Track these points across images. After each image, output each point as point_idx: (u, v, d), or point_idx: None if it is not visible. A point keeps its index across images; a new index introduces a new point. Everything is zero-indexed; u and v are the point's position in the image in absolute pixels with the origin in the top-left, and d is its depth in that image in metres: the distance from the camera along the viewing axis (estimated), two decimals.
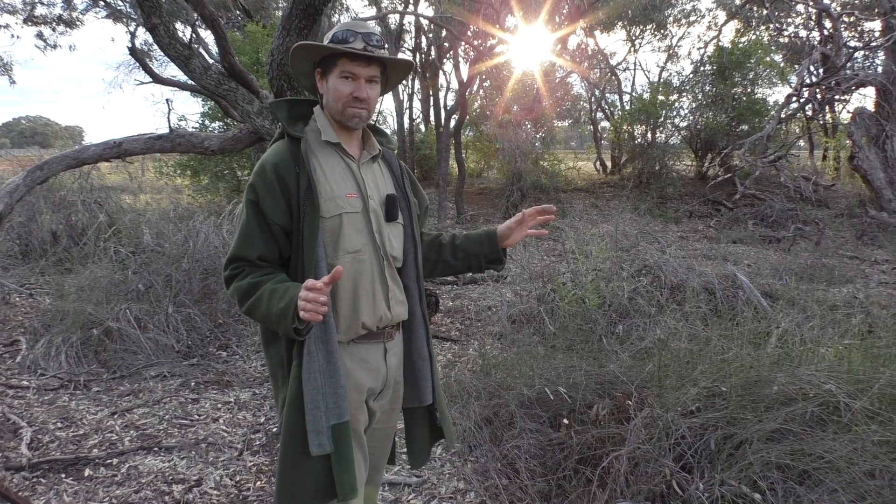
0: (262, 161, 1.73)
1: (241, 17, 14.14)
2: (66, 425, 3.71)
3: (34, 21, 15.44)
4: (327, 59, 1.75)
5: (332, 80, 1.75)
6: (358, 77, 1.73)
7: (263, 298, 1.61)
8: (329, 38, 1.73)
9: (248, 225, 1.70)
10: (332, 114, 1.78)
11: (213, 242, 5.61)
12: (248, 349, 4.99)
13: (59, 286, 5.47)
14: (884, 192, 10.80)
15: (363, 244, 1.76)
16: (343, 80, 1.73)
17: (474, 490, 3.00)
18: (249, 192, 1.71)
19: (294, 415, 1.66)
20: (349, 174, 1.79)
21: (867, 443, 2.37)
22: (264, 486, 3.08)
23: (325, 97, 1.80)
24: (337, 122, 1.79)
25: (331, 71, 1.75)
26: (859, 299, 5.40)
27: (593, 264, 5.46)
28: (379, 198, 1.82)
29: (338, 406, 1.68)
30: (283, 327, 1.59)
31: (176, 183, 13.62)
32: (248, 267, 1.70)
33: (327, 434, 1.66)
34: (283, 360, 1.74)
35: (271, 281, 1.65)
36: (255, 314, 1.65)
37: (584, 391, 3.18)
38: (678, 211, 12.99)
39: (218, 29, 5.19)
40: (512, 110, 14.46)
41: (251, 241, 1.69)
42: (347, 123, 1.77)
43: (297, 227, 1.69)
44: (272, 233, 1.70)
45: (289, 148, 1.74)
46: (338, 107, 1.75)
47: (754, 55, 14.41)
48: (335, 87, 1.74)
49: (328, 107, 1.79)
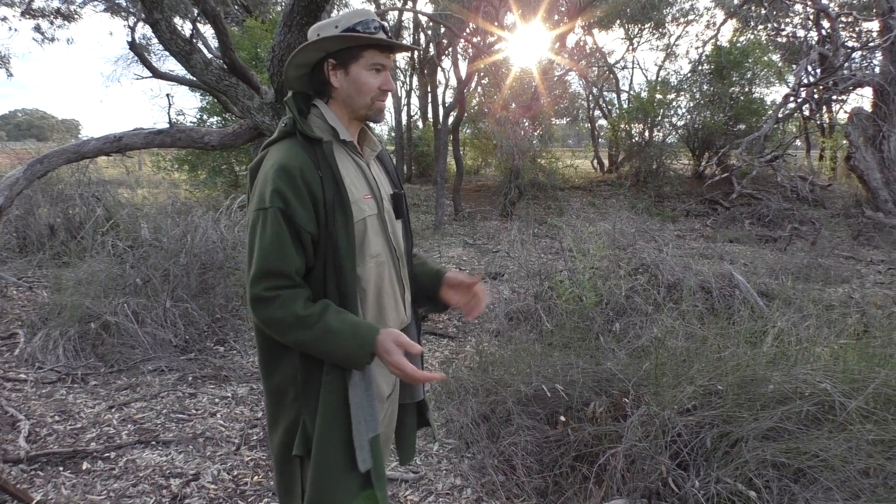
0: (283, 164, 1.55)
1: (240, 13, 14.11)
2: (63, 419, 3.71)
3: (32, 14, 15.37)
4: (348, 50, 1.63)
5: (355, 72, 1.63)
6: (386, 68, 1.66)
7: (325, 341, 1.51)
8: (348, 25, 1.60)
9: (280, 235, 1.52)
10: (356, 108, 1.67)
11: (212, 237, 5.61)
12: (246, 344, 4.99)
13: (57, 280, 5.47)
14: (880, 193, 10.83)
15: (381, 247, 1.71)
16: (372, 72, 1.63)
17: (471, 486, 3.01)
18: (275, 198, 1.52)
19: (334, 431, 1.59)
20: (361, 174, 1.71)
21: (862, 442, 2.39)
22: (261, 481, 3.09)
23: (341, 91, 1.66)
24: (359, 116, 1.70)
25: (353, 62, 1.63)
26: (855, 299, 5.42)
27: (590, 262, 5.48)
28: (387, 196, 1.77)
29: (374, 419, 1.63)
30: (345, 364, 1.55)
31: (173, 177, 13.60)
32: (284, 287, 1.54)
33: (367, 448, 1.61)
34: (296, 376, 1.63)
35: (328, 314, 1.53)
36: (308, 348, 1.55)
37: (581, 388, 3.20)
38: (675, 210, 13.02)
39: (219, 24, 5.18)
40: (510, 108, 14.45)
41: (283, 254, 1.52)
42: (375, 118, 1.70)
43: (328, 236, 1.57)
44: (303, 243, 1.55)
45: (305, 149, 1.59)
46: (365, 101, 1.65)
47: (752, 55, 14.43)
48: (363, 80, 1.63)
49: (347, 101, 1.67)
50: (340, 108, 1.69)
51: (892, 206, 10.65)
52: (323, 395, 1.59)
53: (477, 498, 2.93)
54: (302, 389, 1.62)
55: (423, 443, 3.42)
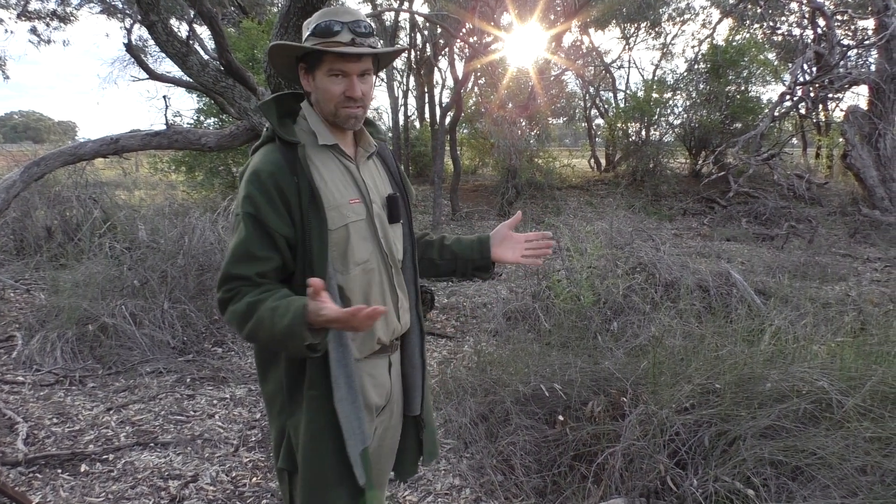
0: (255, 169, 1.51)
1: (237, 14, 14.09)
2: (61, 421, 3.71)
3: (28, 16, 15.35)
4: (313, 55, 1.54)
5: (319, 79, 1.55)
6: (349, 74, 1.54)
7: (265, 319, 1.41)
8: (311, 28, 1.54)
9: (246, 240, 1.47)
10: (325, 114, 1.60)
11: (209, 238, 5.61)
12: (244, 345, 4.99)
13: (55, 282, 5.46)
14: (876, 191, 10.86)
15: (370, 253, 1.62)
16: (332, 78, 1.54)
17: (470, 486, 3.02)
18: (245, 204, 1.48)
19: (323, 445, 1.54)
20: (349, 178, 1.63)
21: (859, 439, 2.40)
22: (260, 482, 3.09)
23: (314, 96, 1.61)
24: (330, 122, 1.62)
25: (317, 67, 1.55)
26: (852, 297, 5.44)
27: (588, 261, 5.49)
28: (380, 199, 1.69)
29: (362, 431, 1.57)
30: (293, 347, 1.41)
31: (171, 179, 13.59)
32: (244, 286, 1.48)
33: (360, 463, 1.56)
34: (282, 385, 1.58)
35: (271, 298, 1.45)
36: (258, 338, 1.46)
37: (580, 388, 3.20)
38: (672, 208, 13.03)
39: (215, 26, 5.18)
40: (507, 108, 14.46)
41: (248, 258, 1.48)
42: (343, 125, 1.60)
43: (303, 243, 1.52)
44: (277, 246, 1.50)
45: (282, 153, 1.53)
46: (330, 108, 1.57)
47: (748, 53, 14.45)
48: (324, 87, 1.55)
49: (319, 106, 1.61)
50: (319, 110, 1.63)
51: (888, 204, 10.68)
52: (307, 409, 1.54)
53: (476, 498, 2.94)
54: (287, 401, 1.58)
55: None
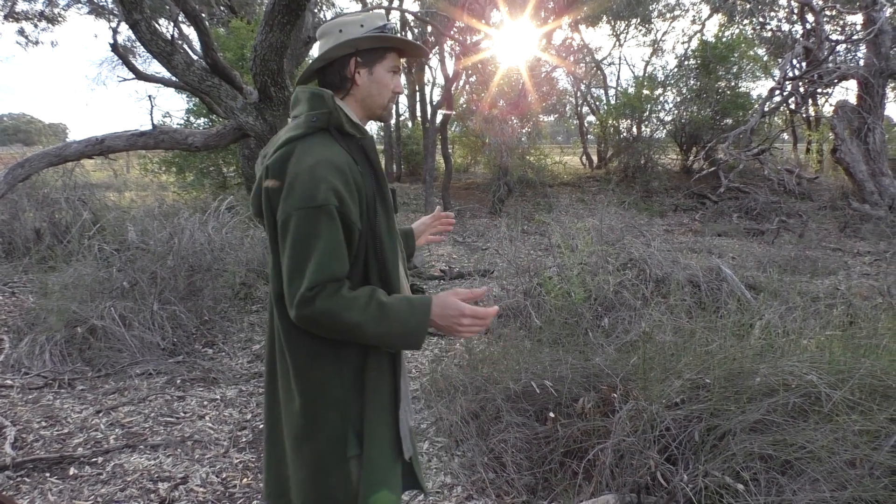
0: (331, 160, 1.49)
1: (226, 14, 14.05)
2: (50, 424, 3.68)
3: (15, 17, 15.26)
4: (375, 51, 1.66)
5: (379, 73, 1.66)
6: (400, 72, 1.73)
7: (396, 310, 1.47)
8: (374, 26, 1.64)
9: (333, 237, 1.45)
10: (373, 107, 1.69)
11: (199, 239, 5.58)
12: (235, 346, 4.97)
13: (43, 284, 5.43)
14: (866, 185, 10.92)
15: (396, 242, 1.68)
16: (392, 74, 1.68)
17: (461, 484, 3.01)
18: (329, 196, 1.44)
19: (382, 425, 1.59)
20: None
21: (848, 432, 2.40)
22: (251, 483, 3.08)
23: (362, 89, 1.67)
24: (373, 115, 1.73)
25: (377, 62, 1.66)
26: (841, 291, 5.46)
27: (579, 258, 5.48)
28: None
29: (410, 407, 1.69)
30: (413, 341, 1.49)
31: (161, 180, 13.53)
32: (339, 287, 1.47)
33: (409, 437, 1.67)
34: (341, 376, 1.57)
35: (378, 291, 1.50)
36: (362, 330, 1.45)
37: (570, 384, 3.20)
38: (663, 204, 13.06)
39: (200, 24, 5.16)
40: (498, 105, 14.46)
41: (341, 256, 1.46)
42: (387, 118, 1.75)
43: (371, 232, 1.55)
44: (351, 241, 1.51)
45: (342, 145, 1.56)
46: (382, 101, 1.69)
47: (738, 49, 14.51)
48: (385, 81, 1.67)
49: (367, 100, 1.68)
50: (356, 105, 1.69)
51: (877, 198, 10.73)
52: (370, 390, 1.57)
53: (467, 496, 2.93)
54: (349, 389, 1.57)
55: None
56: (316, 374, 1.57)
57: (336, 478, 1.58)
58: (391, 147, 19.99)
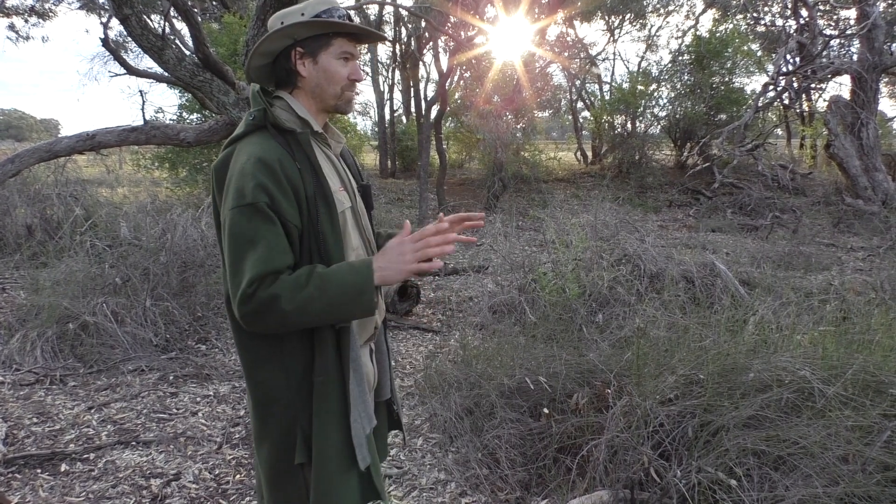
0: (261, 157, 1.45)
1: (218, 8, 13.97)
2: (42, 420, 3.66)
3: (5, 12, 15.15)
4: (317, 38, 1.56)
5: (325, 61, 1.57)
6: (354, 57, 1.61)
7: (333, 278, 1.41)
8: (315, 13, 1.54)
9: (269, 232, 1.42)
10: (325, 98, 1.61)
11: (192, 235, 5.55)
12: (228, 342, 4.95)
13: (35, 280, 5.39)
14: (859, 180, 10.95)
15: (358, 240, 1.65)
16: (342, 61, 1.58)
17: (455, 480, 3.00)
18: (258, 193, 1.41)
19: (331, 432, 1.54)
20: (332, 167, 1.65)
21: (840, 428, 2.40)
22: (244, 479, 3.06)
23: (310, 80, 1.59)
24: (328, 107, 1.64)
25: (322, 50, 1.57)
26: (834, 286, 5.46)
27: (574, 254, 5.48)
28: (355, 189, 1.72)
29: (368, 414, 1.60)
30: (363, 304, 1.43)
31: (154, 176, 13.47)
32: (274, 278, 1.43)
33: (366, 445, 1.59)
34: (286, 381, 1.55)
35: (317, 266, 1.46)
36: (310, 309, 1.40)
37: (564, 380, 3.19)
38: (658, 200, 13.08)
39: (191, 19, 5.12)
40: (493, 101, 14.45)
41: (279, 250, 1.42)
42: (344, 109, 1.64)
43: (312, 231, 1.49)
44: (291, 238, 1.47)
45: (279, 141, 1.51)
46: (335, 91, 1.59)
47: (732, 44, 14.54)
48: (333, 69, 1.57)
49: (316, 91, 1.60)
50: (308, 98, 1.62)
51: (871, 194, 10.77)
52: (317, 396, 1.52)
53: (461, 492, 2.92)
54: (295, 394, 1.54)
55: (408, 437, 3.41)
56: (262, 377, 1.56)
57: (292, 485, 1.58)
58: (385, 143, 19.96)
